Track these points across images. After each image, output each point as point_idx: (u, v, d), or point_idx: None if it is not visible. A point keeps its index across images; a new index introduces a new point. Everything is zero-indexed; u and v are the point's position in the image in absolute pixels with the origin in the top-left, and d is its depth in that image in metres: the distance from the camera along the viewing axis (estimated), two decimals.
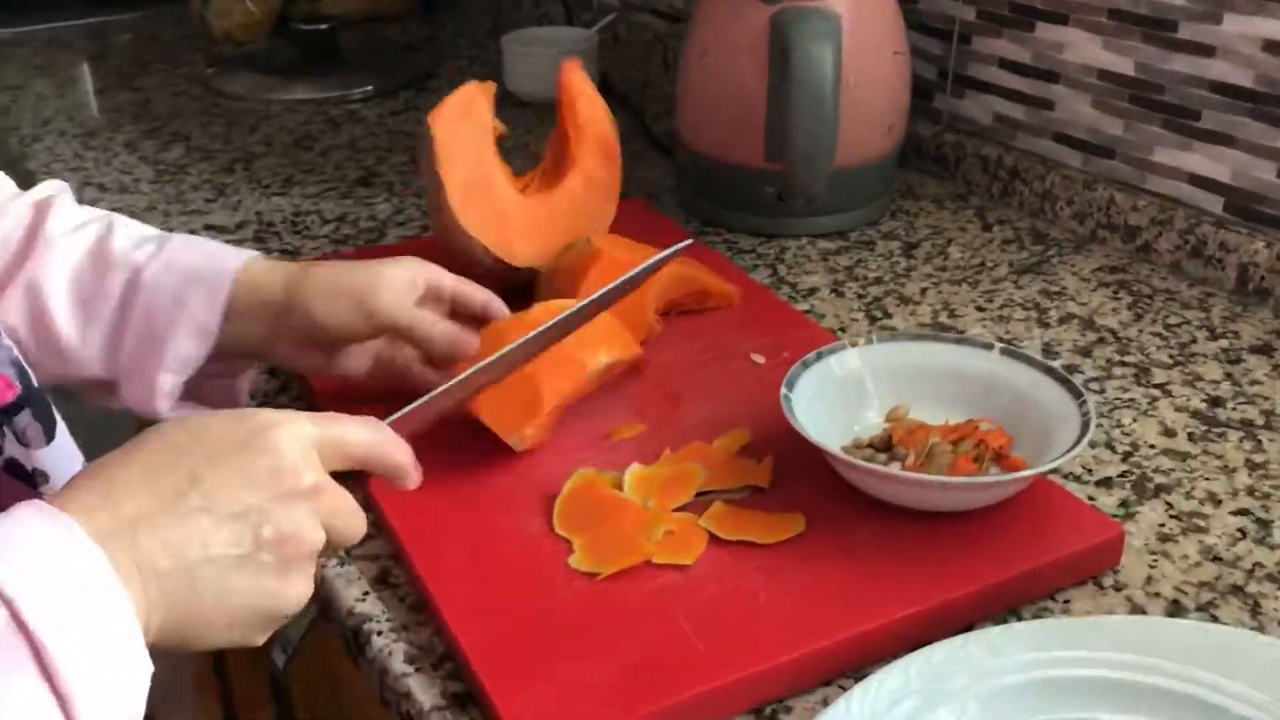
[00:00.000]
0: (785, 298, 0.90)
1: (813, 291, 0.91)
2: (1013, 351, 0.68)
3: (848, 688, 0.55)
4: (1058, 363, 0.81)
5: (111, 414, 0.72)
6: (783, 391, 0.65)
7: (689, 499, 0.63)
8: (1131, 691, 0.53)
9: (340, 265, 0.68)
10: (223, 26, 1.48)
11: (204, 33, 1.52)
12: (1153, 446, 0.72)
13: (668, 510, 0.62)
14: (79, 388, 0.70)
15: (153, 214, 1.06)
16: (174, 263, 0.67)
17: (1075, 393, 0.65)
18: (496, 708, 0.51)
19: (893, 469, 0.62)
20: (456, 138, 0.81)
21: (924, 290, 0.91)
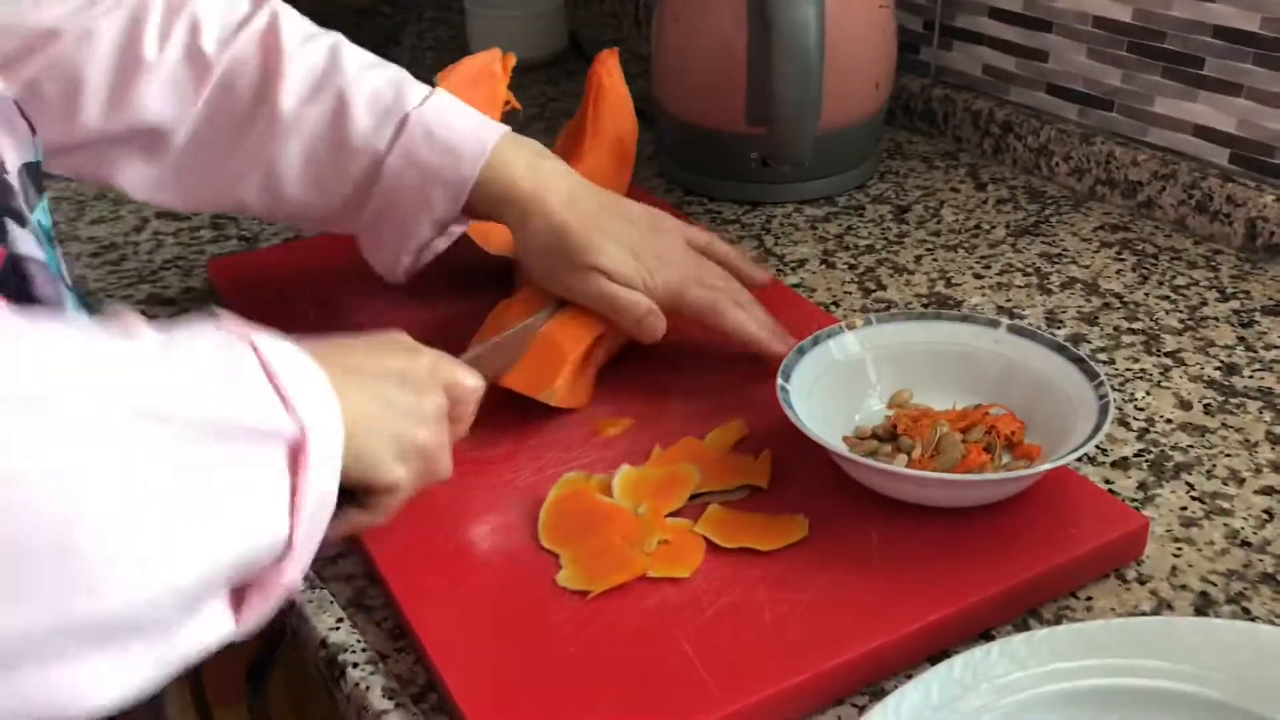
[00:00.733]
0: (773, 270, 0.85)
1: (802, 263, 0.87)
2: (1021, 329, 0.64)
3: (862, 706, 0.51)
4: (1063, 332, 0.77)
5: None
6: (779, 383, 0.60)
7: (683, 503, 0.59)
8: (1166, 700, 0.49)
9: (579, 211, 0.66)
10: None
11: None
12: (1169, 421, 0.68)
13: (661, 516, 0.57)
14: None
15: (102, 201, 1.00)
16: (415, 157, 0.66)
17: (1090, 373, 0.61)
18: None
19: (901, 466, 0.58)
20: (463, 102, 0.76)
21: (918, 258, 0.87)
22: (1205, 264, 0.85)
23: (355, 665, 0.53)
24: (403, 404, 0.50)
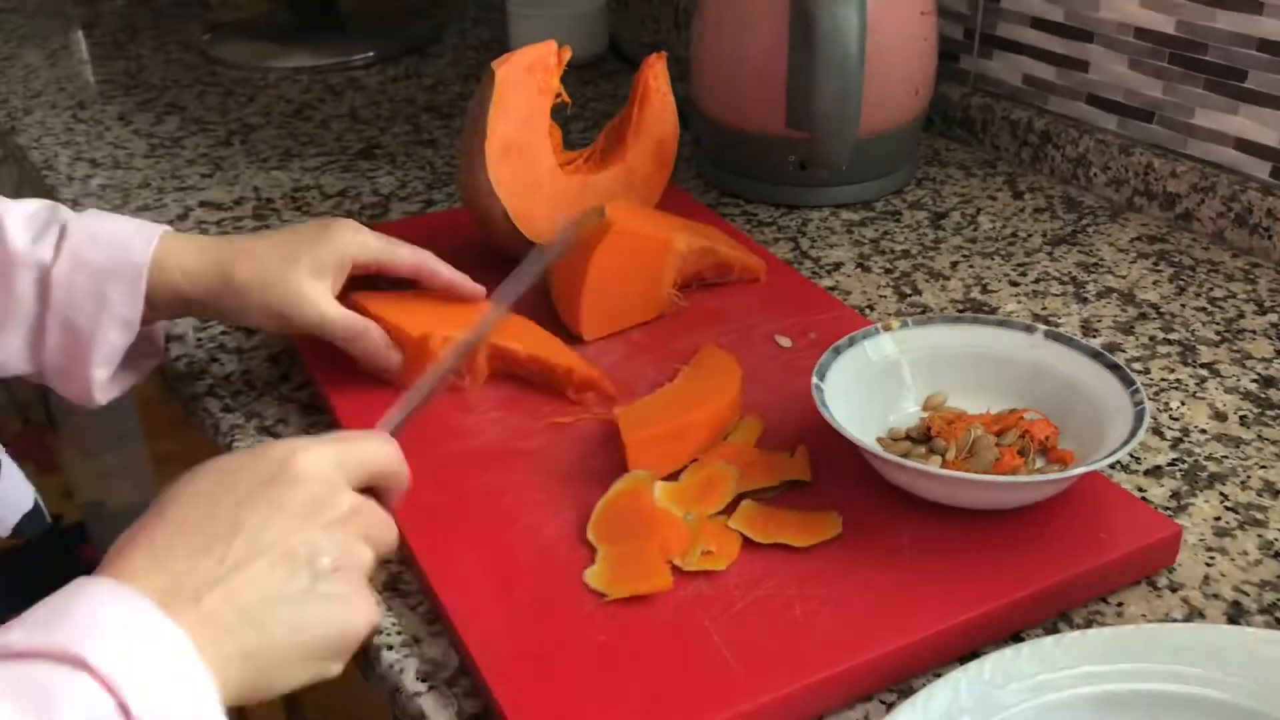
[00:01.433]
0: (808, 273, 0.86)
1: (837, 266, 0.87)
2: (1057, 335, 0.64)
3: (890, 703, 0.51)
4: (1098, 341, 0.77)
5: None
6: (814, 381, 0.61)
7: (725, 504, 0.59)
8: (1198, 707, 0.49)
9: (260, 264, 0.65)
10: None
11: None
12: (1204, 431, 0.68)
13: (707, 525, 0.57)
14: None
15: (147, 190, 1.02)
16: (82, 258, 0.64)
17: (1126, 380, 0.61)
18: None
19: (935, 467, 0.58)
20: (515, 90, 0.77)
21: (954, 264, 0.87)
22: (1244, 277, 0.85)
23: (390, 648, 0.54)
24: (319, 613, 0.44)
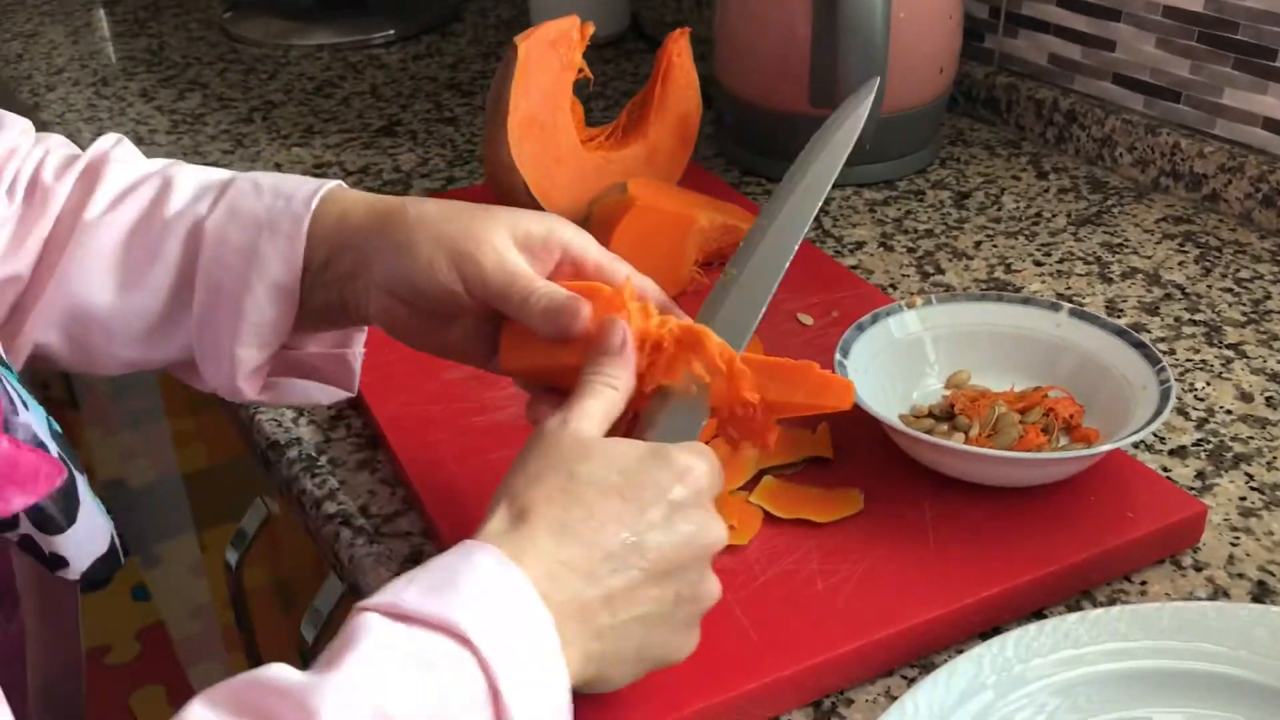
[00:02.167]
0: (831, 252, 0.85)
1: (860, 245, 0.87)
2: (1082, 313, 0.64)
3: (911, 678, 0.51)
4: (1123, 321, 0.76)
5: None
6: (836, 358, 0.61)
7: (745, 480, 0.59)
8: (1221, 684, 0.49)
9: (444, 208, 0.52)
10: None
11: None
12: (1229, 412, 0.68)
13: (728, 500, 0.57)
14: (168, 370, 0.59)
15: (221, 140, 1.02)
16: (238, 209, 0.54)
17: (1152, 359, 0.60)
18: None
19: (958, 443, 0.58)
20: (538, 65, 0.77)
21: (978, 243, 0.87)
22: (1271, 258, 0.84)
23: None
24: (664, 635, 0.45)
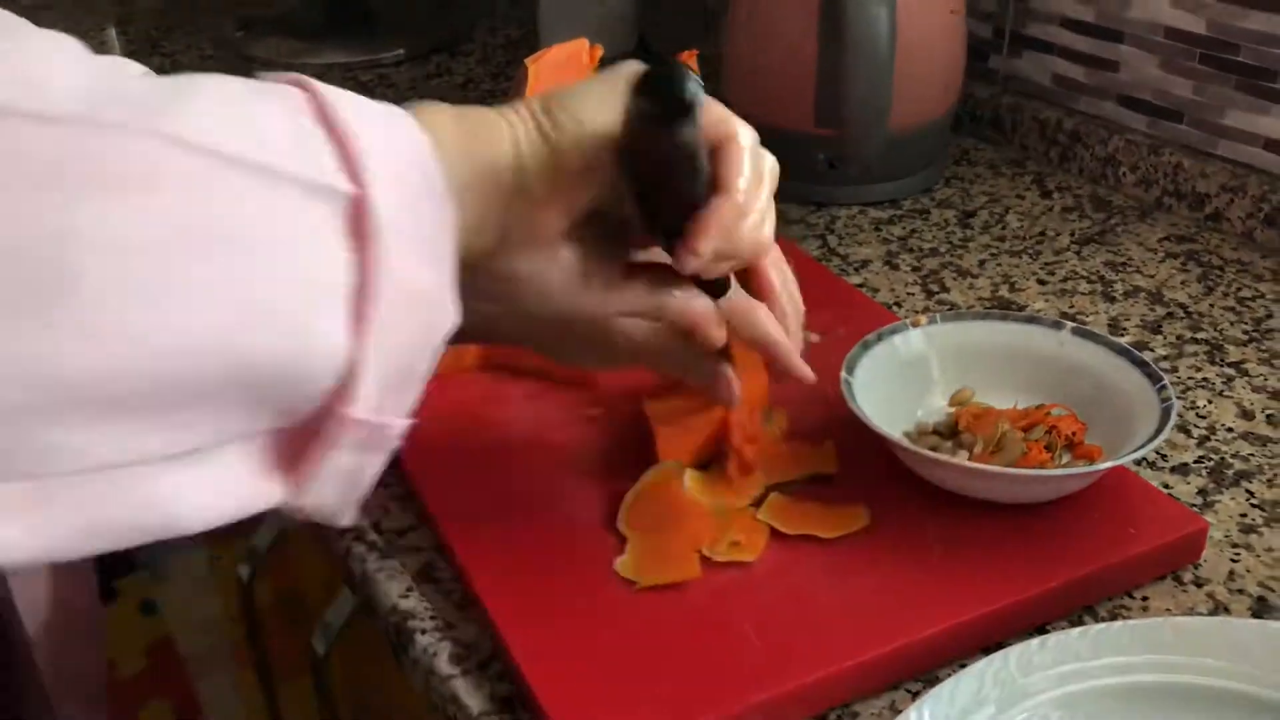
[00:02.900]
0: (836, 270, 0.86)
1: (865, 264, 0.88)
2: (1085, 331, 0.65)
3: (915, 692, 0.52)
4: (1126, 339, 0.77)
5: None
6: (843, 375, 0.62)
7: (752, 498, 0.59)
8: (1222, 700, 0.50)
9: None
10: None
11: None
12: (1230, 430, 0.69)
13: (736, 516, 0.58)
14: None
15: None
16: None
17: (1154, 377, 0.61)
18: (550, 718, 0.48)
19: (962, 460, 0.58)
20: (548, 86, 0.78)
21: (982, 262, 0.87)
22: (1272, 277, 0.85)
23: (424, 632, 0.55)
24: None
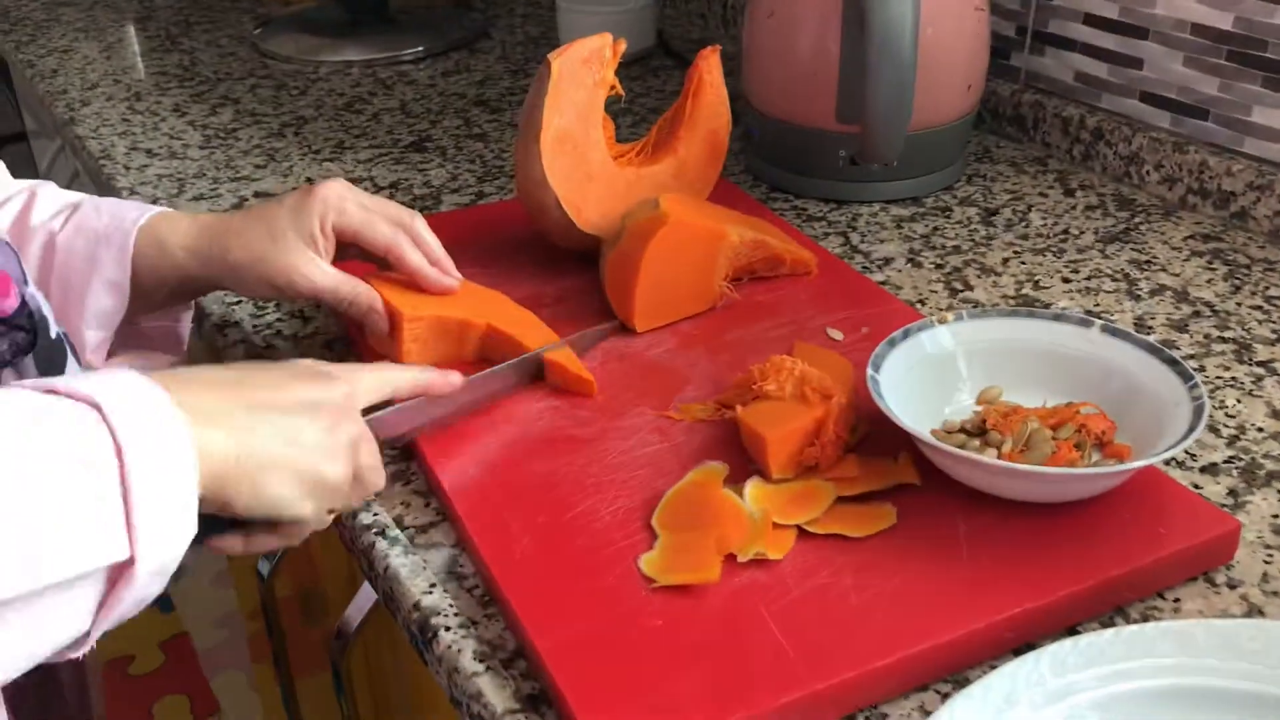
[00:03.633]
0: (859, 268, 0.86)
1: (888, 261, 0.87)
2: (1115, 329, 0.64)
3: (945, 693, 0.52)
4: (1152, 338, 0.77)
5: None
6: (869, 373, 0.61)
7: (816, 515, 0.57)
8: (1257, 702, 0.49)
9: (251, 243, 0.67)
10: None
11: None
12: (1260, 430, 0.68)
13: (770, 527, 0.57)
14: None
15: (202, 180, 1.03)
16: (83, 226, 0.68)
17: (1185, 375, 0.60)
18: (577, 717, 0.48)
19: (991, 458, 0.58)
20: (572, 82, 0.78)
21: (1005, 260, 0.87)
22: None
23: (448, 629, 0.55)
24: (311, 440, 0.50)
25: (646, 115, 1.15)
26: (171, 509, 0.43)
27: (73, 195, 0.72)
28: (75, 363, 0.58)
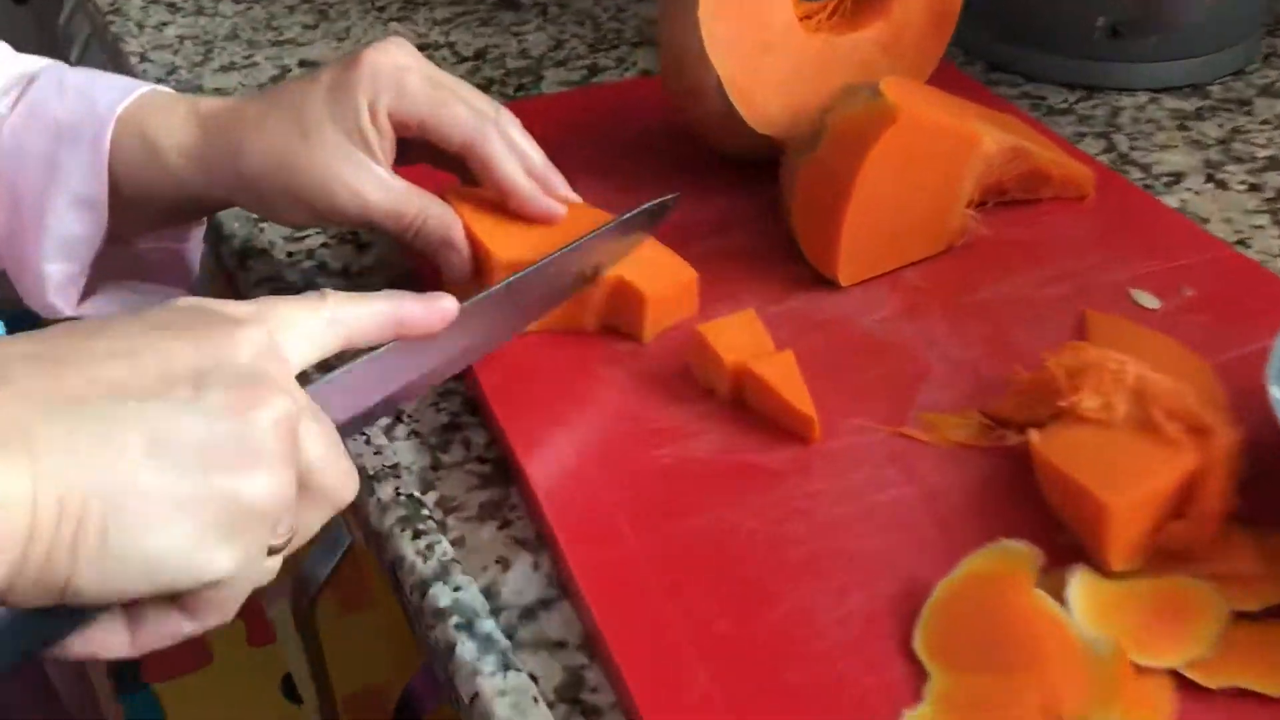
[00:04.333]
0: (1141, 186, 0.60)
1: (1177, 178, 0.61)
2: None
3: None
4: None
5: None
6: (1272, 392, 0.37)
7: (1199, 650, 0.34)
8: None
9: (274, 142, 0.47)
10: None
11: None
12: None
13: (1129, 669, 0.33)
14: None
15: (235, 43, 0.81)
16: (39, 111, 0.49)
17: None
18: None
19: None
20: None
21: None
22: None
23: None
24: (201, 435, 0.30)
25: None
26: None
27: (29, 61, 0.52)
28: None
